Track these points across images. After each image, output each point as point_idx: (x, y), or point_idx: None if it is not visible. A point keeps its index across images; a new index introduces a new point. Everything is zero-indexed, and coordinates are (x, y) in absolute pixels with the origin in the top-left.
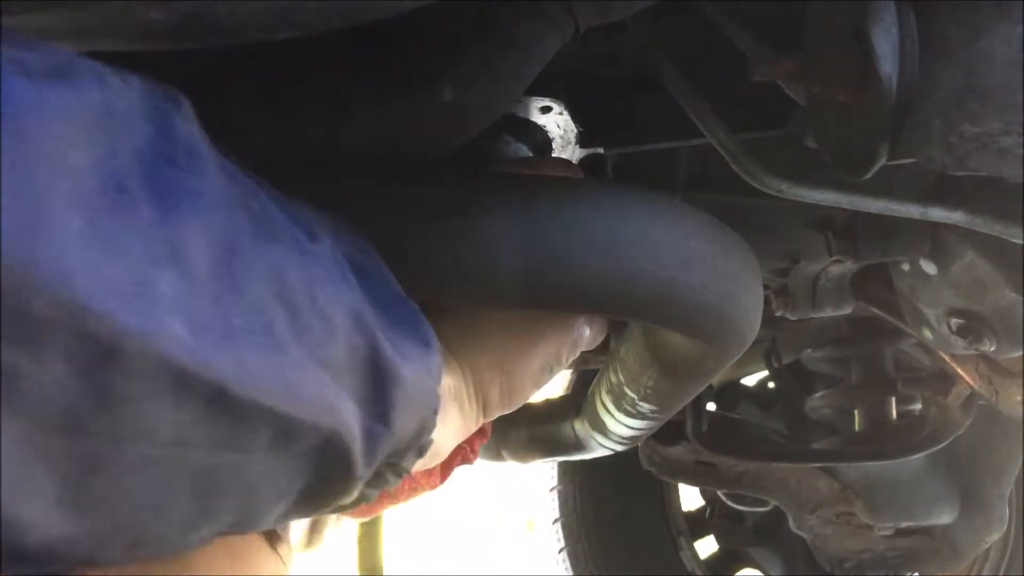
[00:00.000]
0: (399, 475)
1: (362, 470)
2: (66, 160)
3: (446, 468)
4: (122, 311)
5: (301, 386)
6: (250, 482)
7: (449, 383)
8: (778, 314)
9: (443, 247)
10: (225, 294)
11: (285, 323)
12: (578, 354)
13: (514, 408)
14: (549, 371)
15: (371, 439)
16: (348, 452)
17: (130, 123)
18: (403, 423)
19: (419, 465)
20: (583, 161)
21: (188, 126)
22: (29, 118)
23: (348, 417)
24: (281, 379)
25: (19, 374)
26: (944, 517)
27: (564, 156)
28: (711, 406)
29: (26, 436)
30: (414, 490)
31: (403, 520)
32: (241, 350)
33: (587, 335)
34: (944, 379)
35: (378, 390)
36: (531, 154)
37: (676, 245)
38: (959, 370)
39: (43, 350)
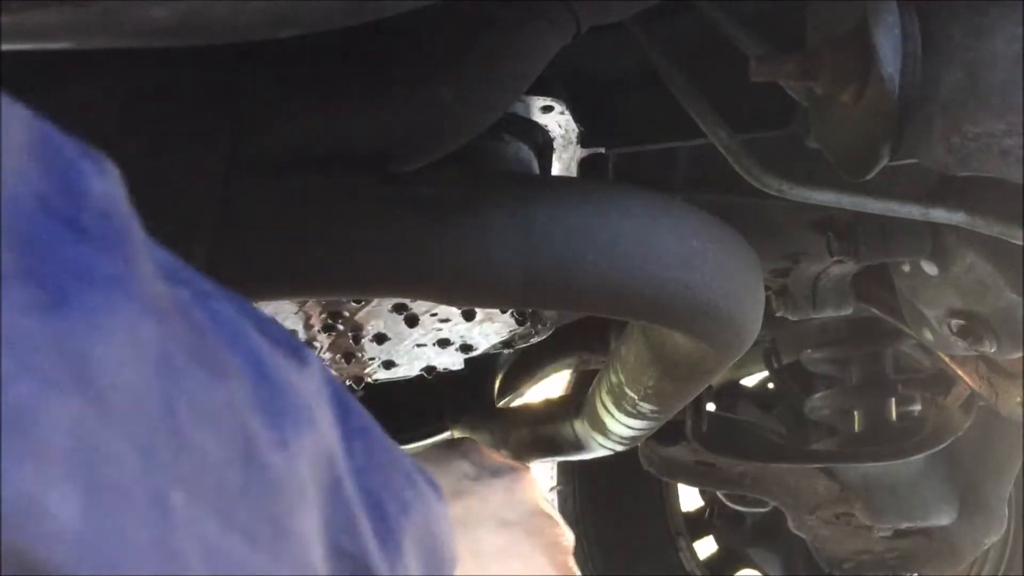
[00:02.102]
0: None
1: None
2: None
3: None
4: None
5: None
6: None
7: None
8: (778, 314)
9: (445, 247)
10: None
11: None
12: None
13: None
14: None
15: None
16: None
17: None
18: None
19: None
20: (584, 160)
21: (106, 186)
22: None
23: None
24: None
25: None
26: (943, 518)
27: (565, 156)
28: (711, 406)
29: None
30: None
31: None
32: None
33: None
34: (944, 380)
35: None
36: (532, 154)
37: (677, 245)
38: (959, 371)
39: None
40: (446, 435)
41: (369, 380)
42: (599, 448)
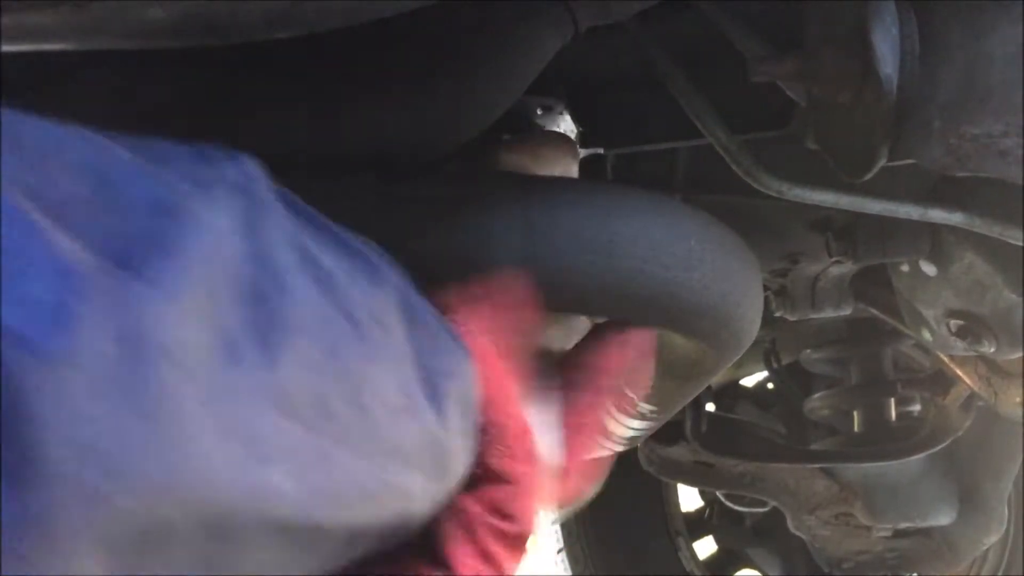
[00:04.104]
0: None
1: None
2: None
3: None
4: (234, 484)
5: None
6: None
7: None
8: (777, 315)
9: (443, 247)
10: (327, 441)
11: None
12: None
13: None
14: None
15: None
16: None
17: (233, 262)
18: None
19: None
20: (583, 161)
21: (275, 232)
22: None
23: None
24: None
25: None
26: (943, 518)
27: None
28: (710, 406)
29: None
30: None
31: None
32: (341, 493)
33: (585, 324)
34: (943, 380)
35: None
36: None
37: (676, 245)
38: (958, 371)
39: (171, 543)
40: None
41: None
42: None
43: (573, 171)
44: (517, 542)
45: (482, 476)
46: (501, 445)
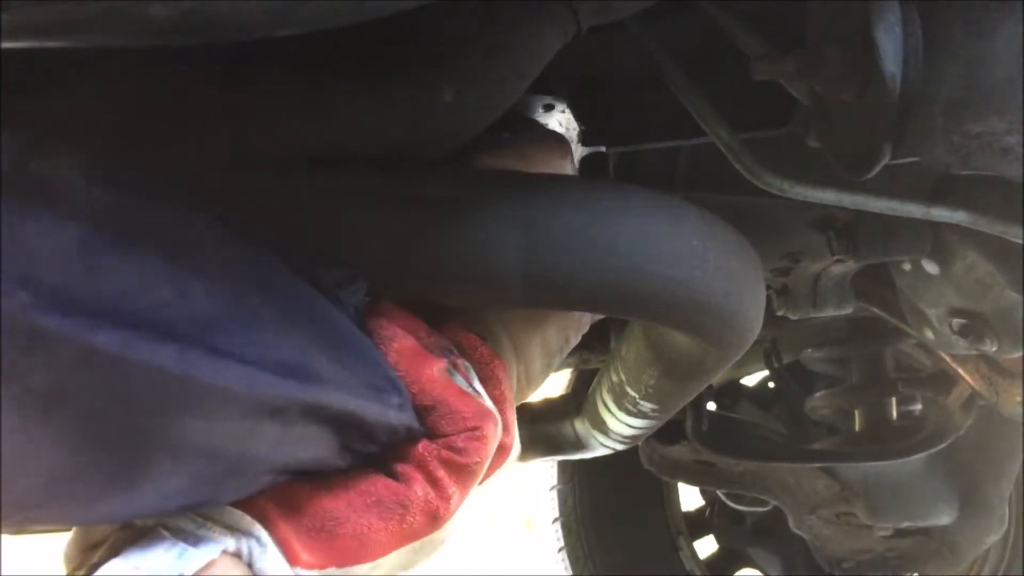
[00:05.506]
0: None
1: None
2: None
3: None
4: None
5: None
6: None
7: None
8: (779, 314)
9: (445, 247)
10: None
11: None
12: (580, 337)
13: (531, 393)
14: (559, 354)
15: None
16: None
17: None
18: None
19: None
20: (585, 159)
21: None
22: None
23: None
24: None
25: None
26: (943, 518)
27: None
28: (711, 406)
29: None
30: None
31: None
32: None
33: (588, 317)
34: (944, 380)
35: None
36: None
37: (678, 244)
38: (959, 370)
39: None
40: None
41: None
42: (599, 447)
43: (566, 171)
44: (464, 472)
45: (440, 433)
46: (449, 414)
